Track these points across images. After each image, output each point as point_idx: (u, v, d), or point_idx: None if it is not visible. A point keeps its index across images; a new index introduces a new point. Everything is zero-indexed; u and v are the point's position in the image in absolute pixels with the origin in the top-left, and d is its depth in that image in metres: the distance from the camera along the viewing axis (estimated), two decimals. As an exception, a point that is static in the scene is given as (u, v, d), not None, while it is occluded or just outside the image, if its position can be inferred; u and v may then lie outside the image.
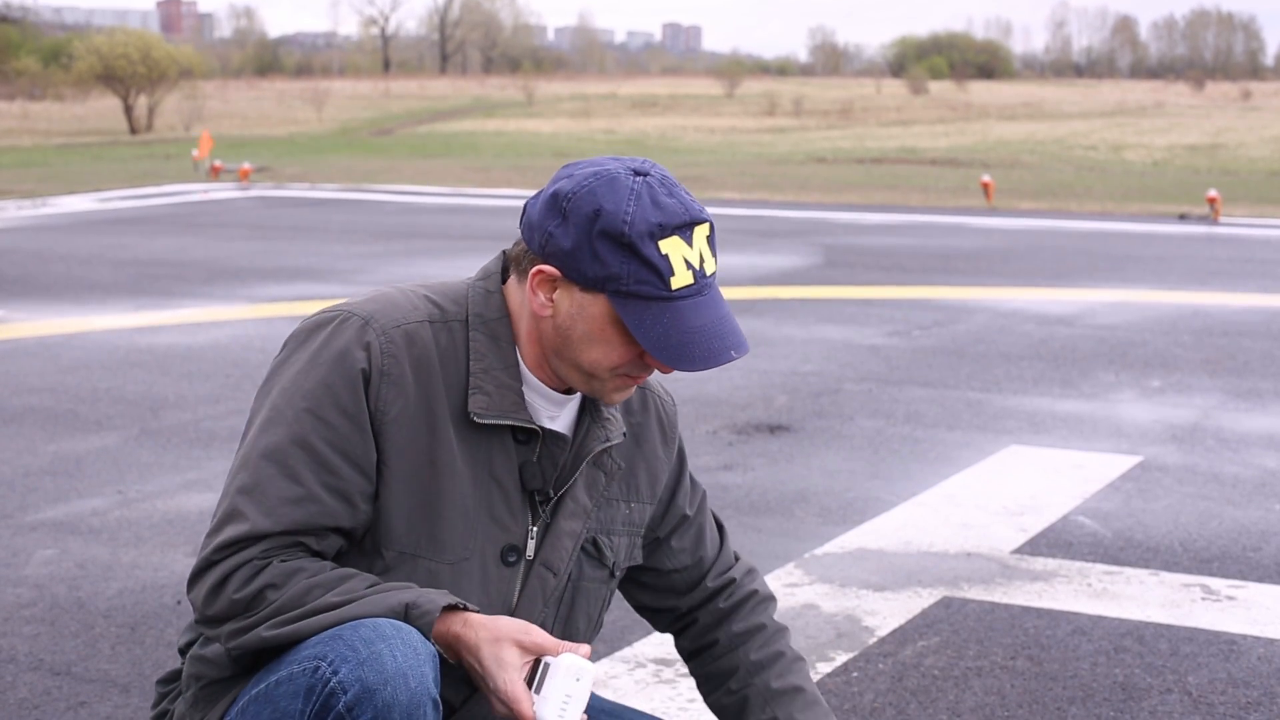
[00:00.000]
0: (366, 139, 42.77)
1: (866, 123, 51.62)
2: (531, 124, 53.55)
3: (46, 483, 6.71)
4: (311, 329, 2.54)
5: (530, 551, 2.61)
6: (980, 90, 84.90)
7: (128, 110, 47.39)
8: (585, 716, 2.42)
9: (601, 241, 2.42)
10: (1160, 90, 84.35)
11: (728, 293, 12.41)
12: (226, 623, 2.45)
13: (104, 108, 54.95)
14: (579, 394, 2.64)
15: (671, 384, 8.74)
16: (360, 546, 2.54)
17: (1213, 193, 19.33)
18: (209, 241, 16.23)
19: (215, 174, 25.60)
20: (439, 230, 17.36)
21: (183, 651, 2.70)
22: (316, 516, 2.46)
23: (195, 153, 26.96)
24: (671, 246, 2.43)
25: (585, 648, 2.43)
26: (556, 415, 2.62)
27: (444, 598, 2.39)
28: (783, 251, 15.60)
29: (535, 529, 2.61)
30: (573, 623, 2.70)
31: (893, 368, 9.50)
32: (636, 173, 2.47)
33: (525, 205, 2.55)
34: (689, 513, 2.87)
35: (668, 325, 2.44)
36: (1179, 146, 35.53)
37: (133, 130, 45.94)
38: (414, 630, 2.36)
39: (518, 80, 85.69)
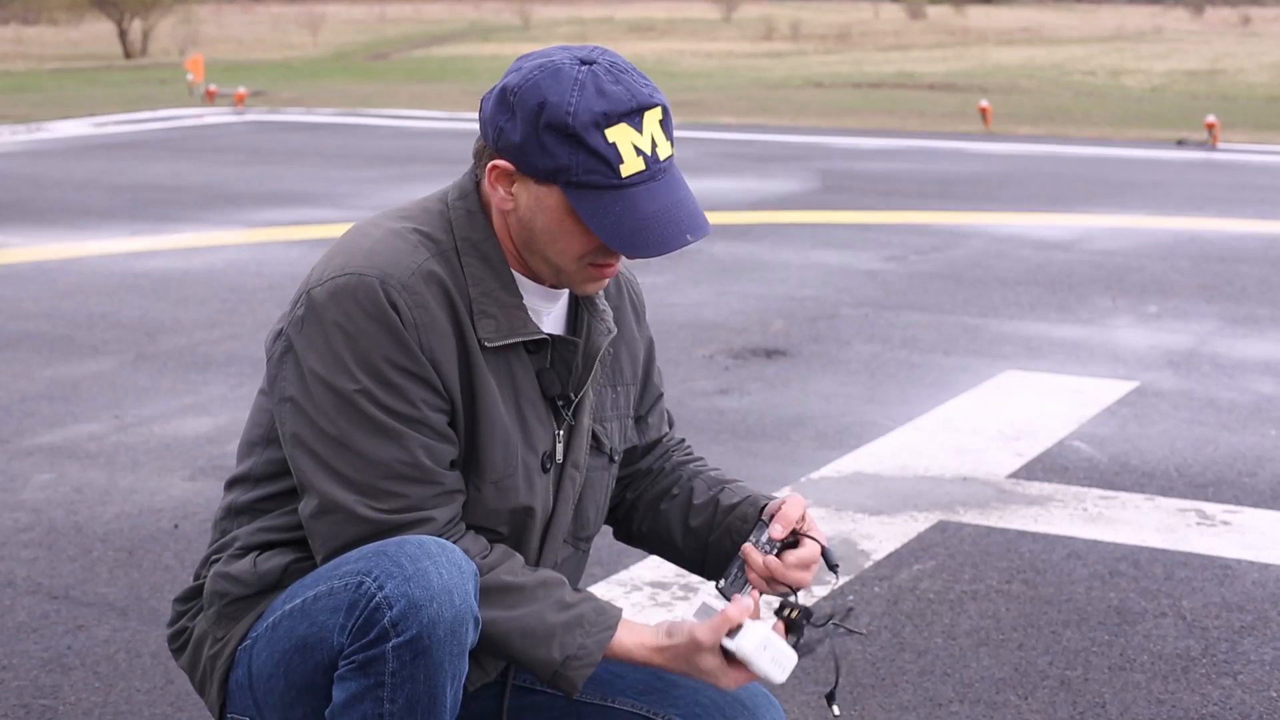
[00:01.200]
0: (362, 63, 42.55)
1: (864, 47, 51.40)
2: (527, 48, 53.10)
3: (43, 407, 6.72)
4: (329, 300, 2.48)
5: (560, 455, 2.64)
6: (979, 15, 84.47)
7: (122, 35, 47.12)
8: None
9: (548, 134, 2.41)
10: (1159, 15, 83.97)
11: (725, 217, 12.38)
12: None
13: (98, 32, 54.65)
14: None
15: (667, 308, 8.74)
16: None
17: (1211, 118, 19.24)
18: (204, 166, 16.18)
19: (210, 98, 25.47)
20: (435, 154, 17.32)
21: (198, 573, 2.70)
22: (434, 459, 2.48)
23: (191, 76, 26.82)
24: (619, 134, 2.41)
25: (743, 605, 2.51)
26: (551, 310, 2.63)
27: (607, 621, 2.49)
28: (780, 176, 15.56)
29: (561, 433, 2.64)
30: (583, 513, 2.72)
31: (890, 293, 9.49)
32: (583, 62, 2.44)
33: (481, 100, 2.54)
34: (662, 390, 2.91)
35: (621, 213, 2.42)
36: (1178, 72, 35.39)
37: (127, 55, 45.70)
38: (457, 549, 2.39)
39: (513, 4, 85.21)
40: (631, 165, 2.42)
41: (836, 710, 2.61)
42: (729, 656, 2.46)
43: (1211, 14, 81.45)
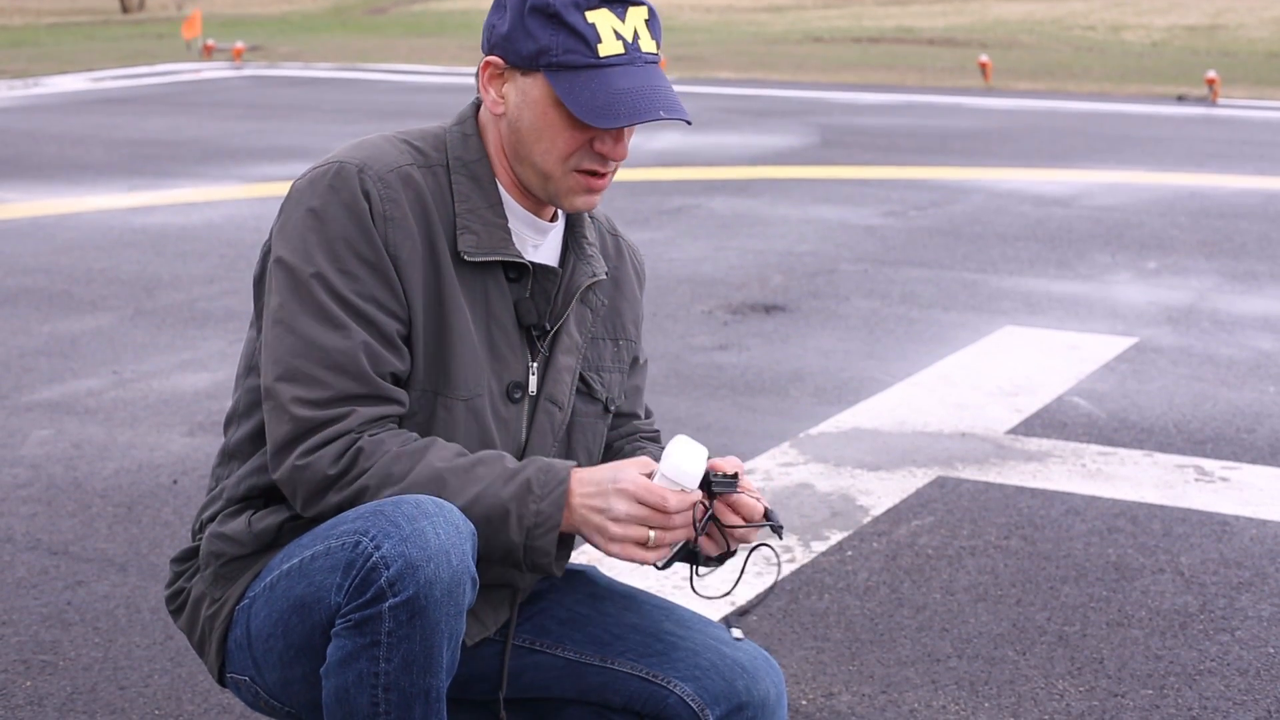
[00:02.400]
0: (360, 18, 42.38)
1: (864, 1, 51.20)
2: (526, 3, 52.88)
3: (42, 363, 6.71)
4: (307, 186, 2.55)
5: (533, 387, 2.65)
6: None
7: (119, -11, 46.93)
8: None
9: (532, 18, 2.49)
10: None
11: (723, 172, 12.36)
12: (320, 496, 2.48)
13: (95, -14, 54.47)
14: (561, 223, 2.69)
15: (666, 263, 8.73)
16: None
17: (1211, 74, 19.18)
18: (202, 121, 16.14)
19: (208, 53, 25.39)
20: (433, 109, 17.27)
21: (196, 532, 2.71)
22: (373, 363, 2.49)
23: (185, 39, 26.67)
24: (599, 18, 2.48)
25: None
26: (540, 243, 2.66)
27: (556, 477, 2.44)
28: (779, 131, 15.53)
29: (535, 365, 2.65)
30: (572, 456, 2.73)
31: (889, 248, 9.48)
32: None
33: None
34: (641, 359, 2.90)
35: (596, 89, 2.48)
36: (1178, 27, 35.25)
37: (124, 9, 45.53)
38: (454, 508, 2.39)
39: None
40: (610, 46, 2.48)
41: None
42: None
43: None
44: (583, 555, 4.54)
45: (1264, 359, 7.00)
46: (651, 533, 2.43)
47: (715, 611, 4.21)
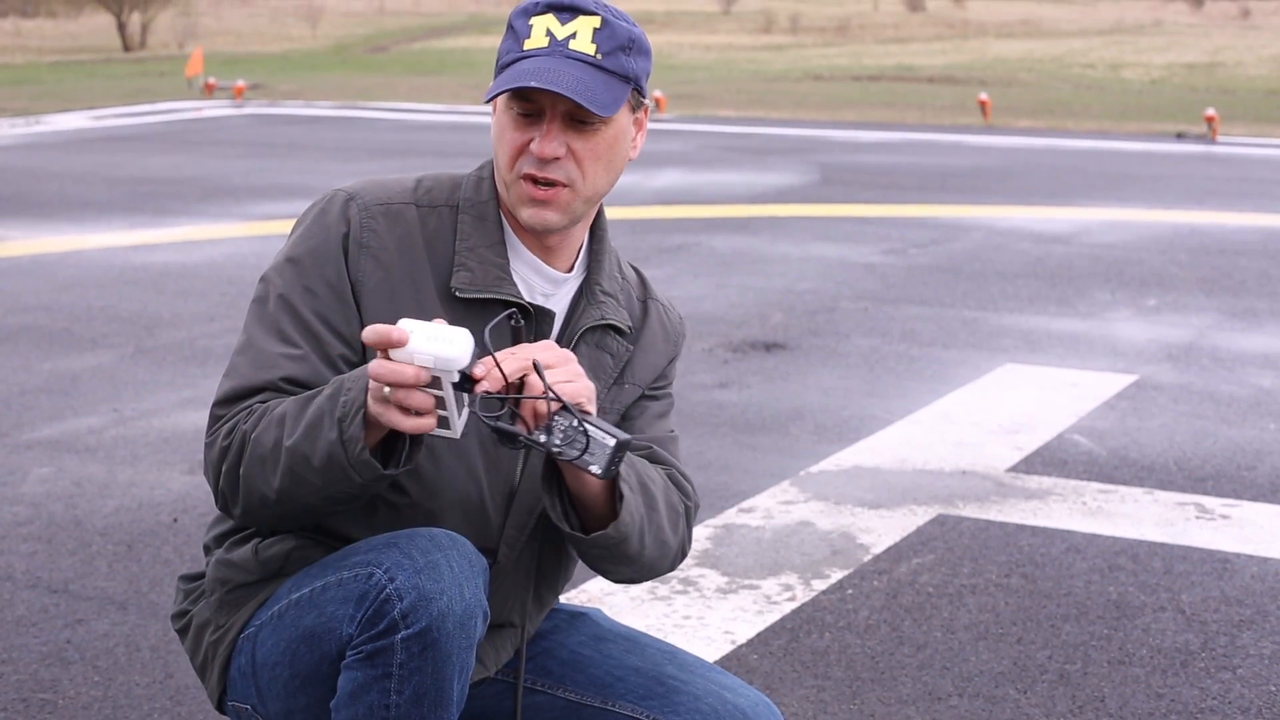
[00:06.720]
0: (361, 56, 42.47)
1: (864, 40, 51.33)
2: (527, 41, 52.90)
3: (42, 401, 6.72)
4: (305, 212, 2.64)
5: None
6: (978, 8, 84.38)
7: (121, 27, 47.05)
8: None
9: (503, 36, 2.58)
10: (1159, 8, 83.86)
11: (723, 210, 12.38)
12: (216, 469, 2.51)
13: (97, 25, 54.59)
14: (578, 276, 2.68)
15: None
16: None
17: (1210, 111, 19.20)
18: (203, 159, 16.16)
19: (209, 91, 25.43)
20: (434, 148, 17.30)
21: (208, 549, 2.71)
22: (304, 371, 2.51)
23: (188, 79, 26.70)
24: (541, 21, 2.53)
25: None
26: (553, 294, 2.65)
27: (358, 383, 2.35)
28: (779, 169, 15.55)
29: None
30: (552, 495, 2.68)
31: (889, 286, 9.49)
32: None
33: None
34: (656, 407, 2.77)
35: (508, 76, 2.51)
36: (1177, 65, 35.33)
37: (126, 48, 45.66)
38: (468, 542, 2.41)
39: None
40: (535, 42, 2.52)
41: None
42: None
43: (1211, 7, 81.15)
44: (584, 595, 4.54)
45: (1264, 396, 7.00)
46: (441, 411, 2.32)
47: (714, 653, 4.21)
